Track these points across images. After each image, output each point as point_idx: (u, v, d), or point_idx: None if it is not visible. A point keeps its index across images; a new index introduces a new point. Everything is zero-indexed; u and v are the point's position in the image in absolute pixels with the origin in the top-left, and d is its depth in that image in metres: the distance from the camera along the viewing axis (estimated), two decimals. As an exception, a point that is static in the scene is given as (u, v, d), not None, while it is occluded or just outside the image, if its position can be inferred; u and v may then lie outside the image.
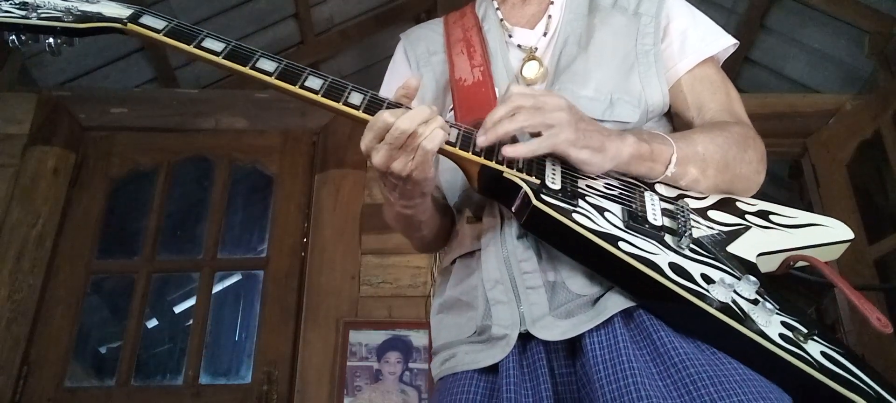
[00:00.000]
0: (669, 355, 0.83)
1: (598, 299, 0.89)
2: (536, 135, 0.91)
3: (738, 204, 1.02)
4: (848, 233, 1.00)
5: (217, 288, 3.28)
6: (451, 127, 0.94)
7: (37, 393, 2.59)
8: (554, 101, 0.90)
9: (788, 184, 3.75)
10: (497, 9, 1.20)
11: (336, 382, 2.63)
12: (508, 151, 0.89)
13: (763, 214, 1.01)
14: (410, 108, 0.89)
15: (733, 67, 3.64)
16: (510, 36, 1.17)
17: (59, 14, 0.93)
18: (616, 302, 0.87)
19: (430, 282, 2.80)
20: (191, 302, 3.57)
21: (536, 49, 1.14)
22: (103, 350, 3.56)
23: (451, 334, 1.00)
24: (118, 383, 2.68)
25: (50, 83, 3.22)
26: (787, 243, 0.97)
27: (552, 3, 1.17)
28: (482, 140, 0.90)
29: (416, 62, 1.23)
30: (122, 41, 3.24)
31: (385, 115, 0.86)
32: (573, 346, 0.90)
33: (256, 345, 2.75)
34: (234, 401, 2.65)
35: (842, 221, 1.02)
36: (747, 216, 1.00)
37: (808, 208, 3.15)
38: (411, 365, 2.67)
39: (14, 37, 0.92)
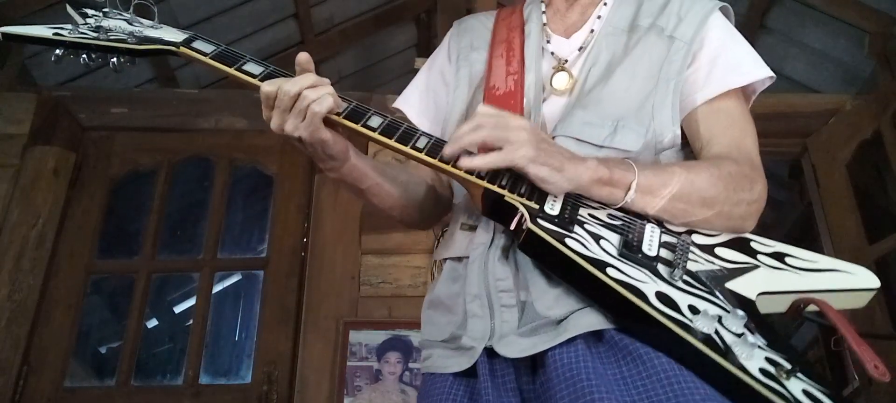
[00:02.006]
0: (632, 376, 0.85)
1: (562, 320, 0.91)
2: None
3: (752, 244, 1.00)
4: (872, 282, 0.97)
5: (217, 288, 3.28)
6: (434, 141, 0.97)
7: (37, 393, 2.59)
8: (516, 121, 0.93)
9: (788, 183, 3.75)
10: (543, 12, 1.20)
11: (336, 382, 2.63)
12: (465, 163, 0.93)
13: (778, 256, 0.99)
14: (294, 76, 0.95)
15: (733, 67, 3.64)
16: (548, 41, 1.16)
17: (124, 36, 1.04)
18: (578, 325, 0.89)
19: (429, 282, 2.80)
20: (191, 302, 3.58)
21: (566, 61, 1.13)
22: (103, 350, 3.57)
23: (432, 333, 1.04)
24: (118, 383, 2.68)
25: (50, 83, 3.22)
26: (796, 285, 0.95)
27: (598, 16, 1.15)
28: (447, 151, 0.94)
29: (456, 54, 1.24)
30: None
31: (269, 84, 0.94)
32: (536, 364, 0.93)
33: (256, 345, 2.75)
34: (234, 401, 2.65)
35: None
36: (759, 256, 0.99)
37: (808, 208, 3.15)
38: (411, 365, 2.67)
39: (86, 54, 1.03)
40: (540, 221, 0.92)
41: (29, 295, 2.68)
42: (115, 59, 1.04)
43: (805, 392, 0.82)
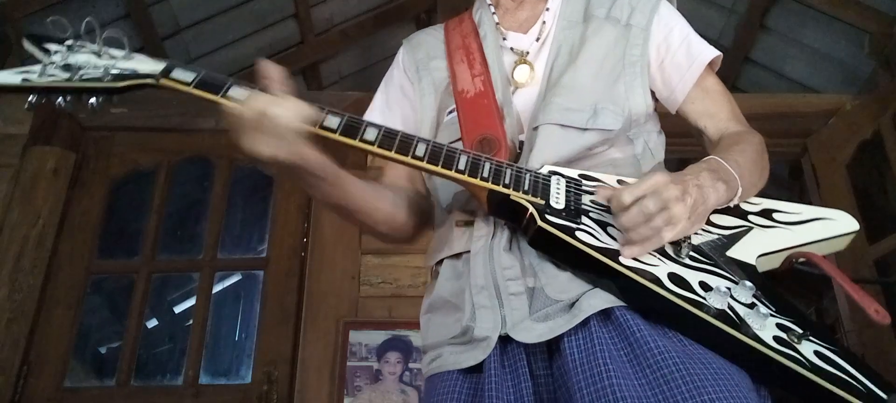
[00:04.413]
0: (645, 353, 0.86)
1: (574, 303, 0.92)
2: None
3: (741, 205, 1.04)
4: (853, 225, 1.03)
5: (217, 288, 3.27)
6: (461, 153, 0.98)
7: (37, 393, 2.59)
8: (669, 193, 0.88)
9: (788, 184, 3.75)
10: (493, 13, 1.24)
11: (336, 382, 2.63)
12: (627, 253, 0.90)
13: (766, 213, 1.04)
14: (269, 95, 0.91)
15: (733, 67, 3.64)
16: (504, 38, 1.20)
17: (98, 74, 0.96)
18: (591, 304, 0.90)
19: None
20: (191, 302, 3.57)
21: (527, 53, 1.17)
22: (103, 350, 3.56)
23: (438, 334, 1.04)
24: (118, 383, 2.68)
25: (50, 83, 3.21)
26: (788, 241, 1.00)
27: (547, 9, 1.21)
28: (627, 258, 0.90)
29: (414, 67, 1.26)
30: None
31: (232, 104, 0.90)
32: (552, 349, 0.93)
33: (256, 345, 2.76)
34: (234, 401, 2.65)
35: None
36: (750, 216, 1.03)
37: (808, 208, 3.15)
38: (411, 365, 2.67)
39: (61, 98, 0.95)
40: (548, 217, 0.93)
41: (29, 295, 2.68)
42: (93, 100, 0.95)
43: (817, 353, 0.85)
